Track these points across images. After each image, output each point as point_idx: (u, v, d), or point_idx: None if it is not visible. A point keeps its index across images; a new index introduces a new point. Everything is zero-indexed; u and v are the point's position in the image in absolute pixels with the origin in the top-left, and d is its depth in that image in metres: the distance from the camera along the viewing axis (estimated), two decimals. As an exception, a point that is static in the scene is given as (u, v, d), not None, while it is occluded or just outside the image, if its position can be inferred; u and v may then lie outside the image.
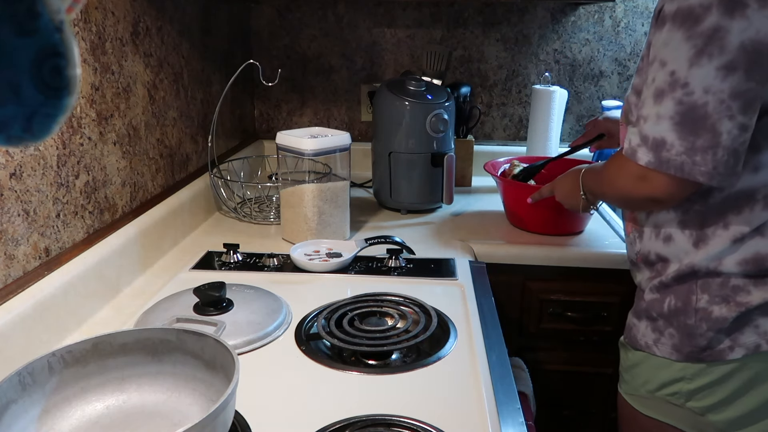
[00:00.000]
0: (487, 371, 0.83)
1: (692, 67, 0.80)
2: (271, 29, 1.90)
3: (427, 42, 1.86)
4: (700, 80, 0.80)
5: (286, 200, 1.31)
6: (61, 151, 0.95)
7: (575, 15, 1.82)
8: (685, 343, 0.92)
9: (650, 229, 0.98)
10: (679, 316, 0.93)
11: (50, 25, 0.38)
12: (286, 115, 1.98)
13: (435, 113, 1.47)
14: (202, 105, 1.52)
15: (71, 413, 0.66)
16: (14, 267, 0.85)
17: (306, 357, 0.87)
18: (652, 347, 0.96)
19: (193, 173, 1.48)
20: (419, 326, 0.92)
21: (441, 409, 0.75)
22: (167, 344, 0.70)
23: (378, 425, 0.71)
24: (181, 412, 0.68)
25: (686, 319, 0.92)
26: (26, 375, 0.63)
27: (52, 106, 0.40)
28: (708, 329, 0.90)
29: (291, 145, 1.27)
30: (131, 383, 0.70)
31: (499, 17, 1.84)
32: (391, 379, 0.82)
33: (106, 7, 1.06)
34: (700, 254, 0.91)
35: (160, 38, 1.28)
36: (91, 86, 1.02)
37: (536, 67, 1.87)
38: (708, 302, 0.91)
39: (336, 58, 1.91)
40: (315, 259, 1.16)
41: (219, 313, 0.92)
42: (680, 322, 0.92)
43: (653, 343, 0.96)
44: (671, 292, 0.94)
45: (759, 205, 0.87)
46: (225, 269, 1.16)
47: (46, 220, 0.92)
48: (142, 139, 1.22)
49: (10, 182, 0.84)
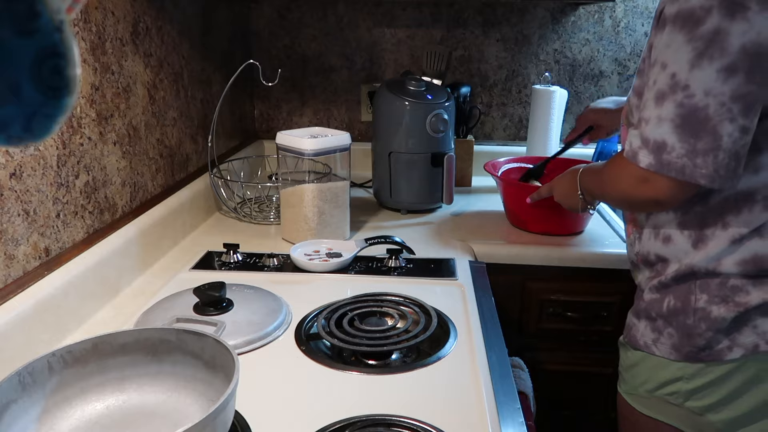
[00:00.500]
0: (487, 371, 0.83)
1: (693, 69, 0.80)
2: (271, 29, 1.90)
3: (427, 42, 1.86)
4: (700, 83, 0.80)
5: (286, 200, 1.31)
6: (61, 151, 0.95)
7: (575, 15, 1.82)
8: (684, 343, 0.92)
9: (650, 229, 0.98)
10: (678, 316, 0.93)
11: (50, 25, 0.38)
12: (286, 115, 1.98)
13: (435, 113, 1.47)
14: (202, 105, 1.52)
15: (71, 413, 0.66)
16: (14, 267, 0.85)
17: (306, 357, 0.87)
18: (651, 347, 0.96)
19: (193, 173, 1.48)
20: (419, 326, 0.92)
21: (441, 409, 0.75)
22: (167, 344, 0.70)
23: (378, 425, 0.71)
24: (181, 412, 0.68)
25: (685, 319, 0.92)
26: (26, 375, 0.63)
27: (52, 106, 0.40)
28: (707, 329, 0.90)
29: (291, 145, 1.27)
30: (131, 383, 0.70)
31: (499, 17, 1.84)
32: (391, 379, 0.82)
33: (106, 7, 1.06)
34: (699, 255, 0.91)
35: (160, 38, 1.28)
36: (91, 86, 1.02)
37: (536, 67, 1.87)
38: (707, 302, 0.91)
39: (336, 58, 1.91)
40: (315, 259, 1.16)
41: (219, 313, 0.92)
42: (679, 322, 0.93)
43: (652, 343, 0.96)
44: (670, 292, 0.95)
45: (758, 206, 0.87)
46: (225, 269, 1.16)
47: (46, 220, 0.92)
48: (142, 139, 1.22)
49: (10, 182, 0.84)
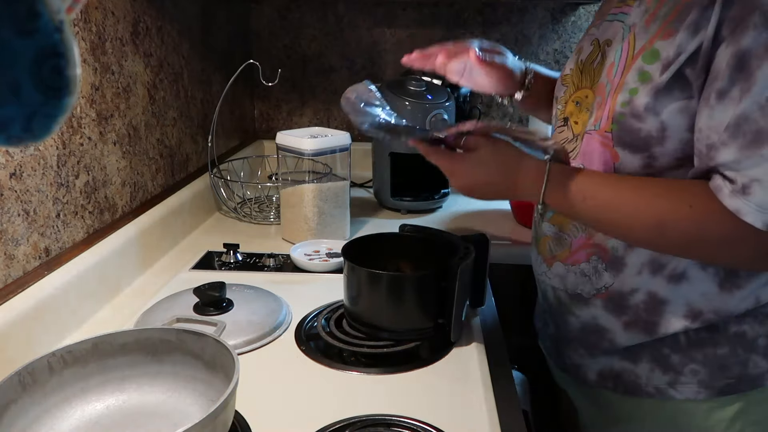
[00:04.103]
0: (487, 371, 0.83)
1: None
2: (271, 29, 1.90)
3: (427, 42, 1.85)
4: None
5: (286, 200, 1.31)
6: (61, 151, 0.95)
7: (575, 15, 1.82)
8: (717, 376, 0.78)
9: (638, 260, 0.78)
10: (705, 347, 0.77)
11: (50, 25, 0.38)
12: (286, 115, 1.98)
13: (435, 113, 1.47)
14: (202, 105, 1.52)
15: (71, 413, 0.66)
16: (14, 267, 0.85)
17: (306, 357, 0.86)
18: (668, 390, 0.80)
19: (193, 173, 1.48)
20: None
21: (441, 409, 0.75)
22: (167, 344, 0.70)
23: (378, 425, 0.71)
24: (181, 412, 0.68)
25: (716, 349, 0.77)
26: (26, 375, 0.63)
27: (52, 106, 0.40)
28: (744, 353, 0.77)
29: (291, 145, 1.27)
30: (131, 383, 0.70)
31: (499, 17, 1.84)
32: (391, 379, 0.82)
33: (106, 7, 1.06)
34: (732, 300, 0.75)
35: (160, 38, 1.28)
36: (91, 86, 1.02)
37: (536, 67, 1.87)
38: (736, 323, 0.77)
39: (336, 58, 1.91)
40: (315, 259, 1.16)
41: (219, 313, 0.92)
42: (707, 353, 0.77)
43: (668, 386, 0.80)
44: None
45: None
46: (225, 269, 1.16)
47: (46, 220, 0.92)
48: (142, 139, 1.22)
49: (10, 182, 0.84)
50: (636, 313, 0.80)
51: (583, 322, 0.86)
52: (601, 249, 0.81)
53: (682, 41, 0.69)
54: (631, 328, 0.81)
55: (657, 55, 0.71)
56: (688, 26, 0.68)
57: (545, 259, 0.89)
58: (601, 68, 0.81)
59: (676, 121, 0.71)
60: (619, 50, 0.77)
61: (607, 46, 0.81)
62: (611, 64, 0.78)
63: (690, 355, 0.79)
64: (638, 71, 0.73)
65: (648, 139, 0.73)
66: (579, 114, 0.83)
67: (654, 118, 0.71)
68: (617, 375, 0.84)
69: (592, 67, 0.84)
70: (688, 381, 0.79)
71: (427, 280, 0.87)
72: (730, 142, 0.66)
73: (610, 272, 0.81)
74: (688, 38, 0.68)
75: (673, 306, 0.78)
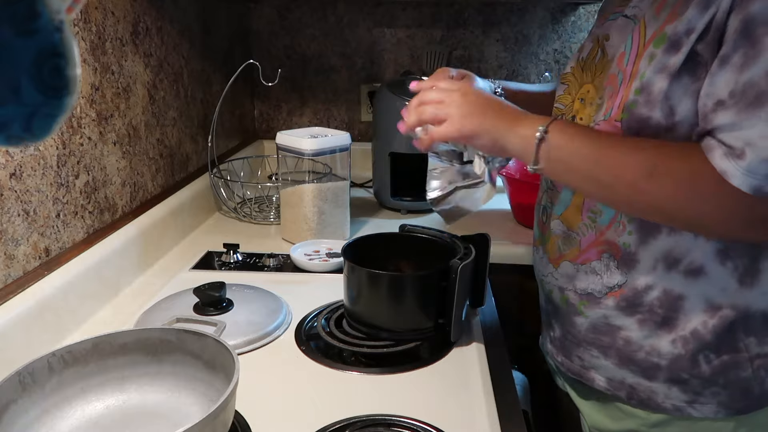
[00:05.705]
0: (487, 371, 0.83)
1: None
2: (271, 29, 1.90)
3: (427, 42, 1.86)
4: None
5: (286, 200, 1.31)
6: (61, 151, 0.95)
7: (575, 15, 1.82)
8: (738, 398, 0.77)
9: (652, 255, 0.76)
10: (728, 373, 0.76)
11: (50, 25, 0.38)
12: (286, 115, 1.98)
13: (435, 113, 1.47)
14: (202, 105, 1.52)
15: (71, 413, 0.66)
16: (14, 267, 0.85)
17: (306, 357, 0.86)
18: (686, 409, 0.79)
19: (193, 173, 1.48)
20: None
21: (441, 409, 0.75)
22: (167, 344, 0.70)
23: (378, 425, 0.71)
24: (181, 412, 0.68)
25: (739, 372, 0.76)
26: (26, 375, 0.63)
27: (52, 106, 0.40)
28: (766, 374, 0.76)
29: (291, 145, 1.27)
30: (131, 383, 0.70)
31: (499, 17, 1.84)
32: (391, 379, 0.82)
33: (106, 7, 1.06)
34: (752, 294, 0.74)
35: (160, 38, 1.28)
36: (91, 86, 1.02)
37: (536, 67, 1.87)
38: (759, 344, 0.76)
39: (336, 58, 1.91)
40: (315, 259, 1.16)
41: (219, 313, 0.92)
42: (729, 378, 0.76)
43: (687, 405, 0.79)
44: (705, 348, 0.77)
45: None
46: (225, 269, 1.16)
47: (46, 220, 0.92)
48: (142, 139, 1.22)
49: (10, 182, 0.84)
50: (651, 310, 0.79)
51: (594, 322, 0.84)
52: (612, 246, 0.79)
53: (692, 17, 0.68)
54: (646, 324, 0.80)
55: (667, 38, 0.71)
56: (698, 3, 0.68)
57: (551, 259, 0.88)
58: (602, 63, 0.82)
59: (687, 105, 0.70)
60: (629, 40, 0.76)
61: (605, 41, 0.82)
62: (621, 54, 0.77)
63: (712, 380, 0.77)
64: (650, 57, 0.72)
65: (657, 128, 0.72)
66: (583, 110, 0.84)
67: (665, 103, 0.70)
68: (631, 387, 0.83)
69: (593, 63, 0.84)
70: (708, 402, 0.78)
71: (427, 280, 0.88)
72: (731, 106, 0.65)
73: (622, 270, 0.79)
74: (698, 14, 0.67)
75: (691, 302, 0.76)
